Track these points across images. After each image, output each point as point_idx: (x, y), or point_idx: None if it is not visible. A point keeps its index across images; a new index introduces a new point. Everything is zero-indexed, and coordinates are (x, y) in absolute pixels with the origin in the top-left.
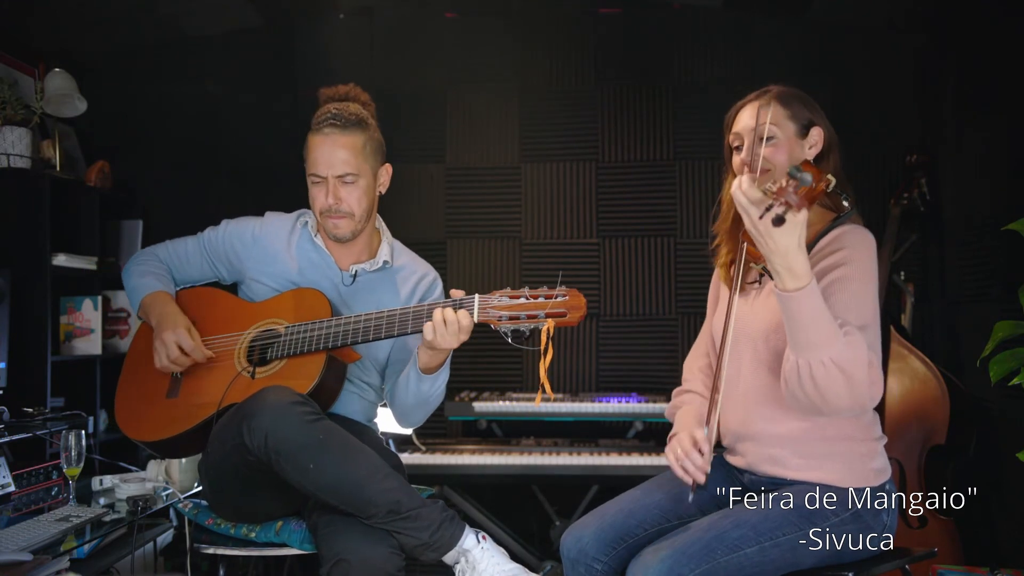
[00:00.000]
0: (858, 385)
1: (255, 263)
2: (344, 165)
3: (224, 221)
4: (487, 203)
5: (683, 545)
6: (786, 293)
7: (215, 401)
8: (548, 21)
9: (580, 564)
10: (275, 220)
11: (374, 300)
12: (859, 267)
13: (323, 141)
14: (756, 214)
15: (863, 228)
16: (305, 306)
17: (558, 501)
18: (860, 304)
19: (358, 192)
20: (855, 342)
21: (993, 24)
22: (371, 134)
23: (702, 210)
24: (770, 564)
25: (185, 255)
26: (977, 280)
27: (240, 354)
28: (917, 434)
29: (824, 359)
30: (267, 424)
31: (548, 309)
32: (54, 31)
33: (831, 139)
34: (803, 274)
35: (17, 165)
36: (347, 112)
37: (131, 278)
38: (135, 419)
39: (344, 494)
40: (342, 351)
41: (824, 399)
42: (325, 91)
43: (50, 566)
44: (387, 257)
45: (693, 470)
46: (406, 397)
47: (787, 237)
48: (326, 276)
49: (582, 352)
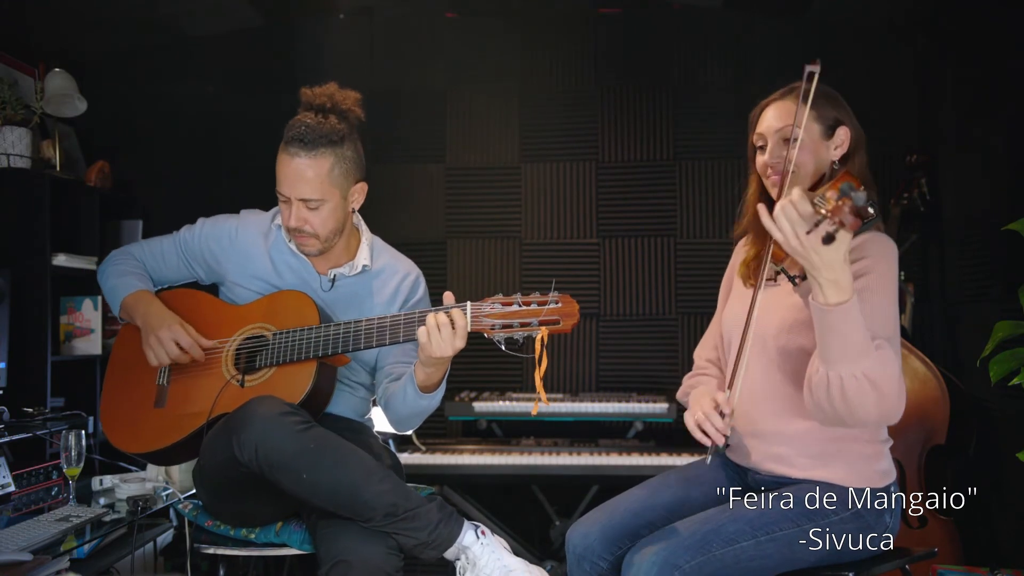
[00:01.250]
0: (887, 399)
1: (234, 266)
2: (308, 190)
3: (200, 220)
4: (487, 203)
5: (679, 537)
6: (827, 307)
7: (205, 410)
8: (548, 21)
9: (586, 561)
10: (251, 221)
11: (355, 305)
12: (882, 277)
13: (288, 162)
14: (804, 229)
15: (885, 236)
16: (291, 310)
17: (558, 501)
18: (884, 315)
19: (323, 215)
20: (887, 357)
21: (993, 24)
22: (343, 152)
23: (702, 210)
24: (767, 559)
25: (161, 255)
26: (977, 280)
27: (228, 361)
28: (917, 434)
29: (857, 373)
30: (257, 437)
31: (541, 316)
32: (54, 31)
33: (858, 138)
34: (847, 287)
35: (17, 165)
36: (320, 130)
37: (108, 278)
38: (124, 431)
39: (340, 500)
40: (332, 357)
41: (852, 413)
42: (305, 92)
43: (50, 566)
44: (366, 261)
45: (713, 432)
46: (402, 409)
47: (835, 252)
48: (305, 282)
49: (582, 352)
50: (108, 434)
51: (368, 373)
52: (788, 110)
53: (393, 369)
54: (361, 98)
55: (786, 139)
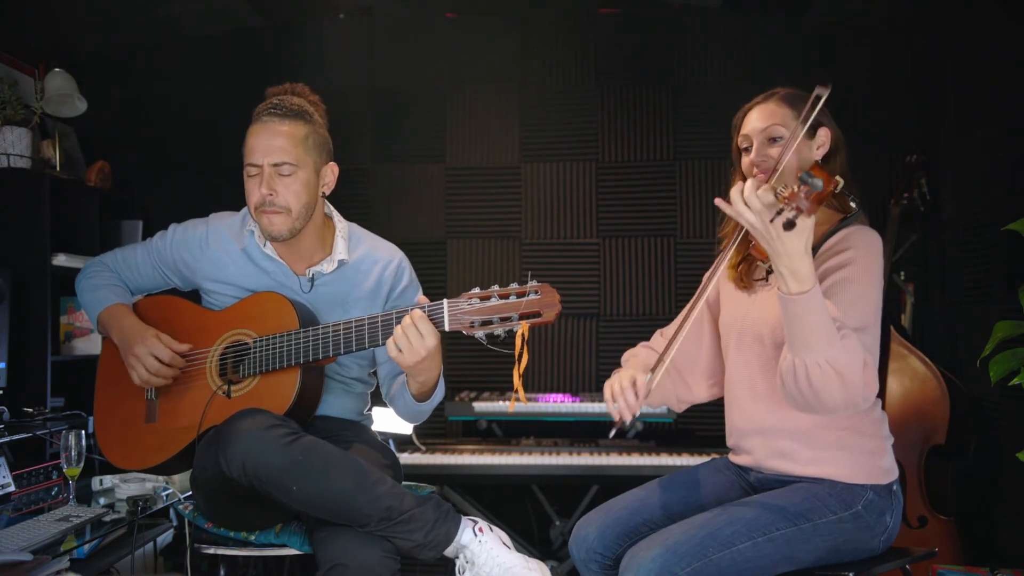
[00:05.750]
0: (852, 387)
1: (209, 273)
2: (281, 153)
3: (172, 227)
4: (487, 203)
5: (675, 543)
6: (789, 296)
7: (194, 424)
8: (548, 21)
9: (593, 562)
10: (221, 226)
11: (339, 302)
12: (863, 268)
13: (261, 129)
14: (767, 217)
15: (870, 229)
16: (269, 313)
17: (558, 501)
18: (861, 306)
19: (296, 186)
20: (851, 346)
21: (993, 24)
22: (315, 128)
23: (702, 210)
24: (765, 559)
25: (135, 264)
26: (977, 280)
27: (212, 371)
28: (917, 434)
29: (820, 361)
30: (243, 454)
31: (521, 310)
32: (54, 31)
33: (838, 139)
34: (807, 277)
35: (17, 165)
36: (289, 103)
37: (83, 293)
38: (119, 449)
39: (333, 509)
40: (315, 361)
41: (819, 399)
42: (271, 89)
43: (50, 566)
44: (343, 254)
45: (623, 406)
46: (405, 411)
47: (796, 240)
48: (283, 285)
49: (582, 352)
50: (105, 453)
51: (362, 366)
52: (771, 111)
53: (394, 366)
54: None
55: (771, 138)
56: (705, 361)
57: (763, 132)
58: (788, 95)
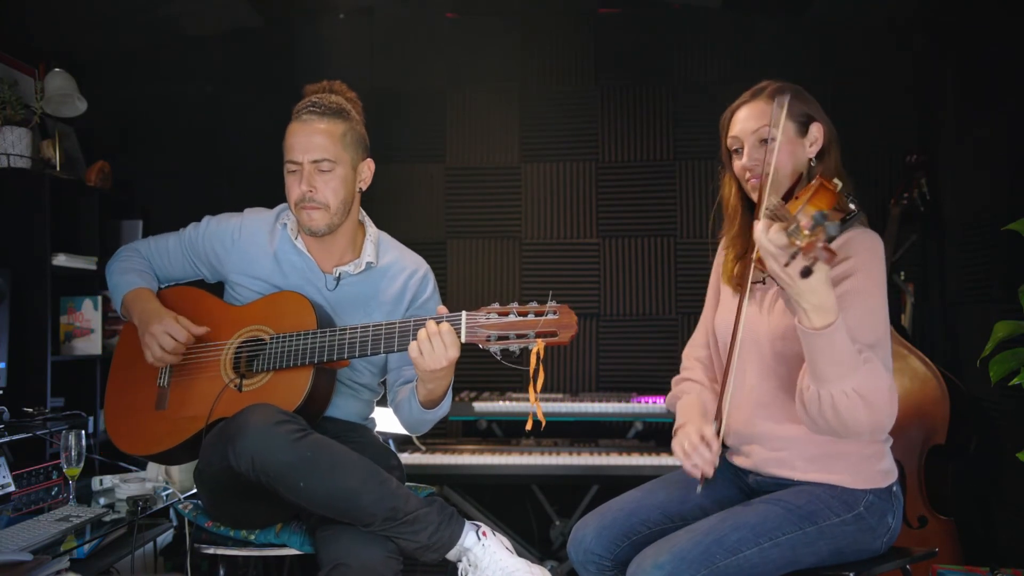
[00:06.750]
0: (878, 412)
1: (237, 266)
2: (321, 150)
3: (206, 218)
4: (487, 203)
5: (681, 550)
6: (813, 331)
7: (203, 414)
8: (548, 21)
9: (591, 564)
10: (255, 220)
11: (361, 304)
12: (869, 277)
13: (301, 127)
14: (783, 260)
15: (870, 232)
16: (289, 312)
17: (558, 501)
18: (872, 319)
19: (335, 182)
20: (875, 370)
21: (993, 24)
22: (352, 125)
23: (702, 210)
24: (771, 564)
25: (167, 253)
26: (977, 280)
27: (226, 364)
28: (917, 434)
29: (847, 389)
30: (252, 447)
31: (538, 328)
32: (54, 31)
33: (831, 134)
34: (831, 309)
35: (17, 165)
36: (327, 101)
37: (112, 275)
38: (126, 432)
39: (339, 507)
40: (329, 363)
41: (845, 426)
42: (309, 87)
43: (50, 566)
44: (371, 258)
45: (702, 464)
46: (408, 419)
47: (815, 281)
48: (309, 281)
49: (582, 352)
50: (112, 436)
51: (374, 374)
52: (761, 111)
53: (404, 372)
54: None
55: (762, 140)
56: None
57: (754, 134)
58: (776, 90)
